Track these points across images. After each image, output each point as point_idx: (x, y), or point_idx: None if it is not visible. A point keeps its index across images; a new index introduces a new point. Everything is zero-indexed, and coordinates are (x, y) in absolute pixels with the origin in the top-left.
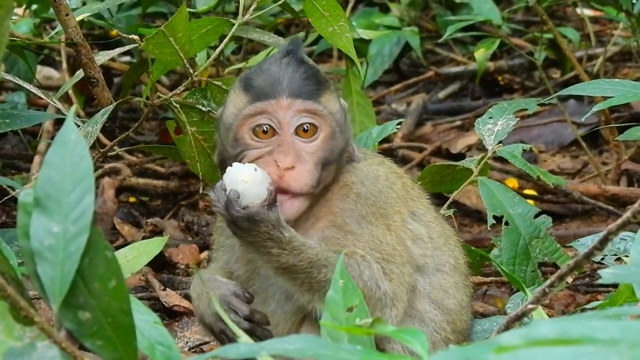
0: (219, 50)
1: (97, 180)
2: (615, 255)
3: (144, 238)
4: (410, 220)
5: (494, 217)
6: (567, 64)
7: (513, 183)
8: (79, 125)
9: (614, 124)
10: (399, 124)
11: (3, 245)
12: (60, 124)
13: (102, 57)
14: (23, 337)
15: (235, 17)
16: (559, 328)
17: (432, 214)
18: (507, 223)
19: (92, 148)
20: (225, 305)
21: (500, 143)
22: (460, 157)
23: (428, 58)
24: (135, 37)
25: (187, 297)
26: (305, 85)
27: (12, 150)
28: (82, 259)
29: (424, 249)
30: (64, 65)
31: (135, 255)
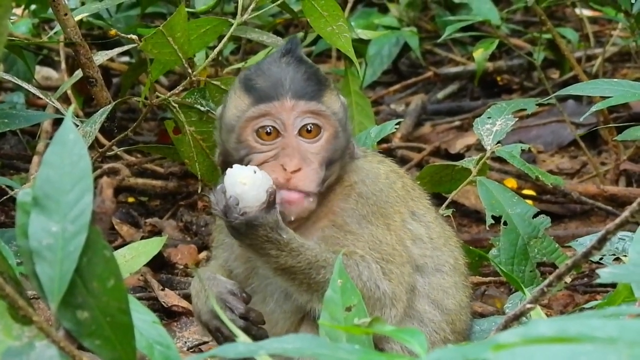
0: (218, 50)
1: (95, 180)
2: (614, 255)
3: (143, 238)
4: (410, 220)
5: (493, 217)
6: (566, 65)
7: (512, 183)
8: (78, 125)
9: (613, 124)
10: (398, 124)
11: (2, 245)
12: (59, 124)
13: (100, 57)
14: (21, 336)
15: (234, 17)
16: (557, 327)
17: (432, 215)
18: (505, 223)
19: (90, 148)
20: (222, 303)
21: (499, 143)
22: (459, 157)
23: (427, 58)
24: (134, 37)
25: (185, 297)
26: (308, 86)
27: (11, 151)
28: (80, 259)
29: (424, 249)
30: (63, 66)
31: (134, 255)
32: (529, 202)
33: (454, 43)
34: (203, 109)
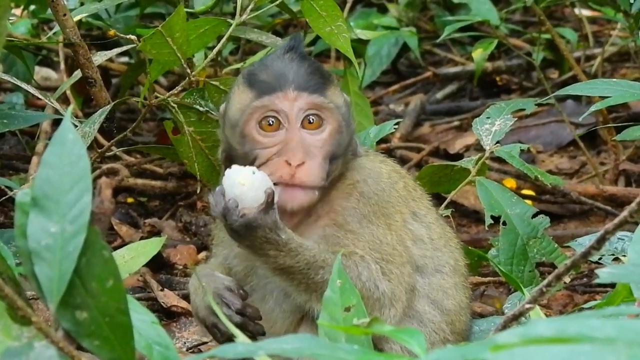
0: (217, 51)
1: (94, 181)
2: (613, 255)
3: (142, 238)
4: (412, 221)
5: (492, 217)
6: (565, 65)
7: (511, 183)
8: (77, 126)
9: (612, 124)
10: (397, 124)
11: (1, 245)
12: (58, 125)
13: (99, 57)
14: (21, 337)
15: (233, 17)
16: (556, 327)
17: (433, 216)
18: (504, 223)
19: (89, 148)
20: (218, 299)
21: (498, 143)
22: (458, 157)
23: (426, 58)
24: (133, 37)
25: (185, 297)
26: (311, 79)
27: (10, 151)
28: (79, 259)
29: (424, 250)
30: (62, 66)
31: (133, 256)
32: (528, 202)
33: (453, 43)
34: (202, 109)
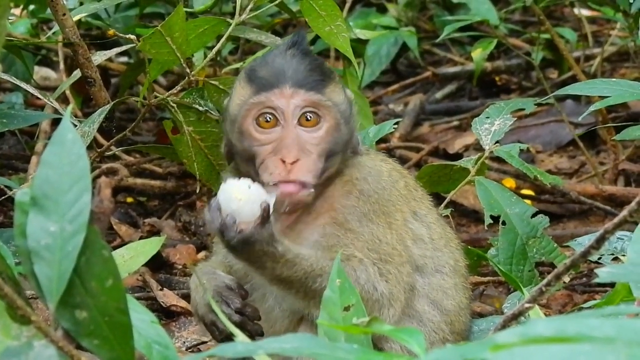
0: (216, 50)
1: (94, 180)
2: (612, 255)
3: (141, 238)
4: (412, 220)
5: (492, 216)
6: (564, 64)
7: (510, 183)
8: (76, 125)
9: (612, 124)
10: (396, 124)
11: (0, 245)
12: (58, 124)
13: (99, 57)
14: (20, 336)
15: (232, 17)
16: (556, 326)
17: (434, 216)
18: (504, 223)
19: (89, 148)
20: (218, 297)
21: (498, 143)
22: (458, 157)
23: (425, 58)
24: (133, 37)
25: (184, 297)
26: (310, 76)
27: (9, 151)
28: (79, 258)
29: (424, 250)
30: (62, 66)
31: (133, 255)
32: (528, 201)
33: (453, 43)
34: (201, 109)
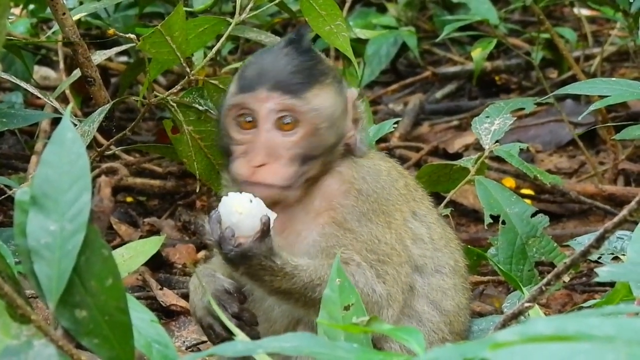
0: (216, 50)
1: (94, 180)
2: (612, 254)
3: (141, 237)
4: (412, 220)
5: (491, 216)
6: (564, 64)
7: (510, 182)
8: (76, 125)
9: (611, 124)
10: (396, 124)
11: (0, 244)
12: (57, 124)
13: (99, 56)
14: (20, 335)
15: (232, 16)
16: (556, 325)
17: (434, 216)
18: (504, 222)
19: (89, 147)
20: (216, 301)
21: (497, 142)
22: (458, 156)
23: (425, 58)
24: (132, 36)
25: (184, 296)
26: (291, 79)
27: (9, 150)
28: (78, 258)
29: (424, 250)
30: (61, 65)
31: (132, 255)
32: (528, 201)
33: (452, 43)
34: (201, 109)
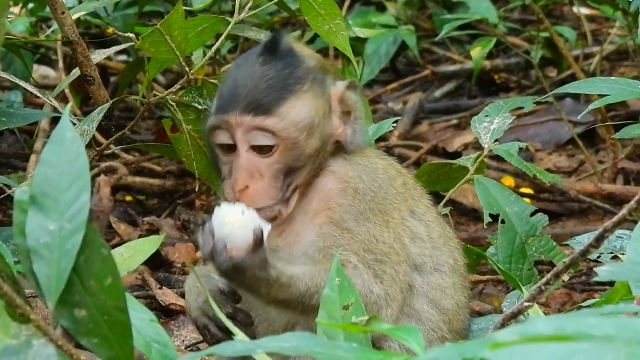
0: (215, 49)
1: (93, 179)
2: (612, 254)
3: (141, 237)
4: (410, 219)
5: (491, 215)
6: (563, 63)
7: (510, 182)
8: (75, 124)
9: (611, 123)
10: (395, 123)
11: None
12: (57, 123)
13: (98, 55)
14: (19, 335)
15: (232, 15)
16: (555, 325)
17: (433, 215)
18: (503, 222)
19: (88, 147)
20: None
21: (497, 142)
22: (457, 155)
23: (425, 57)
24: (132, 35)
25: (183, 295)
26: (264, 97)
27: (8, 150)
28: (78, 257)
29: (423, 249)
30: (61, 64)
31: (132, 254)
32: (527, 200)
33: (452, 42)
34: (201, 108)
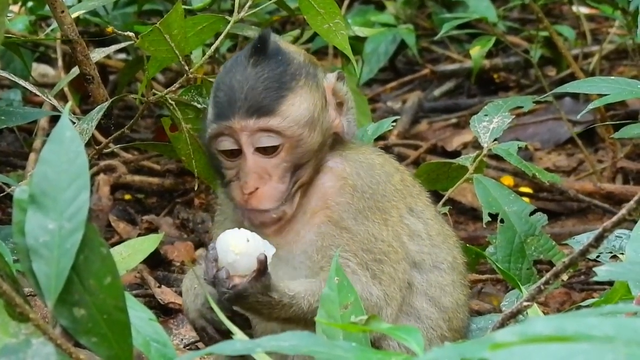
0: (215, 48)
1: (92, 178)
2: (611, 253)
3: (139, 235)
4: (408, 216)
5: (490, 214)
6: (563, 62)
7: (509, 181)
8: (75, 123)
9: (610, 122)
10: (394, 122)
11: None
12: (56, 122)
13: (97, 54)
14: (18, 333)
15: (231, 14)
16: (555, 325)
17: (431, 212)
18: (502, 221)
19: (87, 145)
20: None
21: (496, 141)
22: (456, 154)
23: (424, 56)
24: (131, 34)
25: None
26: (262, 98)
27: (7, 148)
28: (77, 256)
29: (422, 246)
30: (60, 63)
31: (131, 253)
32: (526, 199)
33: (451, 40)
34: (200, 106)
